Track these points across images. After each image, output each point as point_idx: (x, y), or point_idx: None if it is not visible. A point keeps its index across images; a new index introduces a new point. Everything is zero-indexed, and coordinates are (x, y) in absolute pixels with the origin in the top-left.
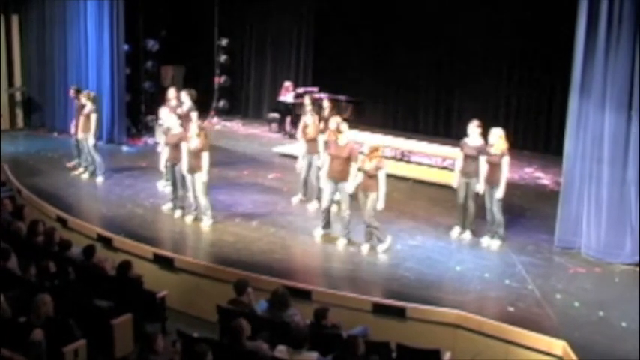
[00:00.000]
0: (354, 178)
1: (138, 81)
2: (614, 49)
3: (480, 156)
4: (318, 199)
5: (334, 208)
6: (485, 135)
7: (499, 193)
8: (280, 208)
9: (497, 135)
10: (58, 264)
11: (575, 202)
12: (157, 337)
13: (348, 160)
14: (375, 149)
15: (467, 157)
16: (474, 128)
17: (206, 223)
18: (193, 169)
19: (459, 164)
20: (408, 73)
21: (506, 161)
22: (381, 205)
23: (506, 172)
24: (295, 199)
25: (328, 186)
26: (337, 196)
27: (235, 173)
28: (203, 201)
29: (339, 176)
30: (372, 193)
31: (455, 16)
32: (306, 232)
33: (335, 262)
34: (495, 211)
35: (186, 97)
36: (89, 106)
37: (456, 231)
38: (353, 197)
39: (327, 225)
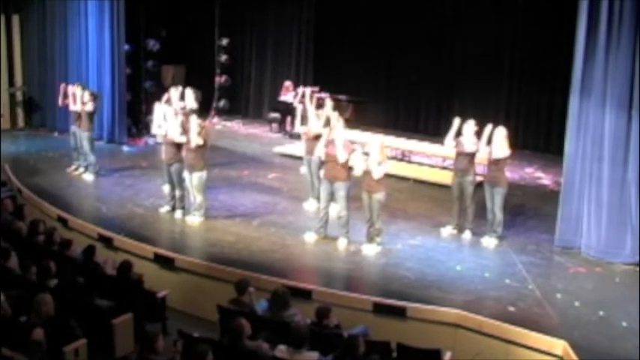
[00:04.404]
0: (358, 163)
1: (138, 81)
2: (614, 49)
3: (475, 153)
4: (318, 198)
5: (332, 213)
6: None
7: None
8: (280, 208)
9: (502, 135)
10: (59, 264)
11: (576, 202)
12: (158, 337)
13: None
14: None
15: (459, 155)
16: (469, 128)
17: (195, 220)
18: (192, 167)
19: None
20: (408, 72)
21: (506, 152)
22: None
23: (502, 153)
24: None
25: (325, 186)
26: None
27: (235, 173)
28: (199, 198)
29: (331, 175)
30: (375, 193)
31: (455, 16)
32: (307, 232)
33: (335, 262)
34: (497, 211)
35: (191, 97)
36: (91, 103)
37: (447, 229)
38: (355, 198)
39: (322, 229)
